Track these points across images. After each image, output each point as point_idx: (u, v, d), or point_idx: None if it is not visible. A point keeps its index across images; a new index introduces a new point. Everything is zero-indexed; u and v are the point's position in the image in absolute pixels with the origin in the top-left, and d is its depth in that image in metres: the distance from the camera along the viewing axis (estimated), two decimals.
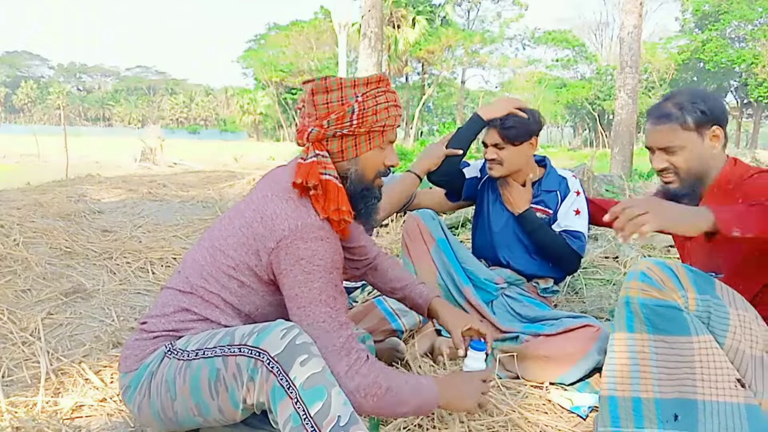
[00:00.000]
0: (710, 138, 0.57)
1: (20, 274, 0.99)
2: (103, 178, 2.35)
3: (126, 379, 0.46)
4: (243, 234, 0.43)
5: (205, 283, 0.45)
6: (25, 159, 5.80)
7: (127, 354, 0.47)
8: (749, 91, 13.27)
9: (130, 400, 0.46)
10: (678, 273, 0.50)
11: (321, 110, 0.44)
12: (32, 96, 29.33)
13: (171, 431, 0.46)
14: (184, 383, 0.43)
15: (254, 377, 0.40)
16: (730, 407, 0.48)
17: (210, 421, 0.44)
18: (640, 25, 3.12)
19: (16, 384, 0.64)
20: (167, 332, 0.46)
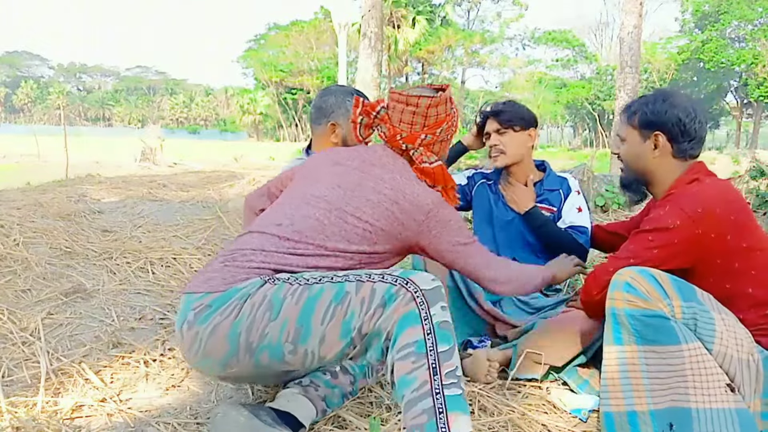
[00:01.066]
0: (652, 142, 0.59)
1: (20, 274, 0.99)
2: (103, 178, 2.35)
3: (205, 299, 0.46)
4: (387, 208, 0.52)
5: (326, 240, 0.50)
6: (25, 159, 5.81)
7: (211, 276, 0.48)
8: (749, 91, 13.25)
9: (205, 321, 0.45)
10: (661, 281, 0.50)
11: (431, 120, 0.57)
12: (32, 96, 29.31)
13: (225, 371, 0.47)
14: (296, 303, 0.44)
15: (389, 302, 0.43)
16: (722, 413, 0.48)
17: (295, 352, 0.44)
18: (640, 25, 3.12)
19: (16, 384, 0.64)
20: (266, 268, 0.48)
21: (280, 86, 15.49)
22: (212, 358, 0.46)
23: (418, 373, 0.41)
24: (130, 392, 0.64)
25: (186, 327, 0.47)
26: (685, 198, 0.55)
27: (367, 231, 0.51)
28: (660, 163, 0.59)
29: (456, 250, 0.55)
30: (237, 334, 0.45)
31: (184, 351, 0.49)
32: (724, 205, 0.54)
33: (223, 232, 1.43)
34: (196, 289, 0.48)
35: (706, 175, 0.59)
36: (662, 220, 0.55)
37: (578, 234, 0.79)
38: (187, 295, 0.48)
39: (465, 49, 14.34)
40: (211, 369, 0.48)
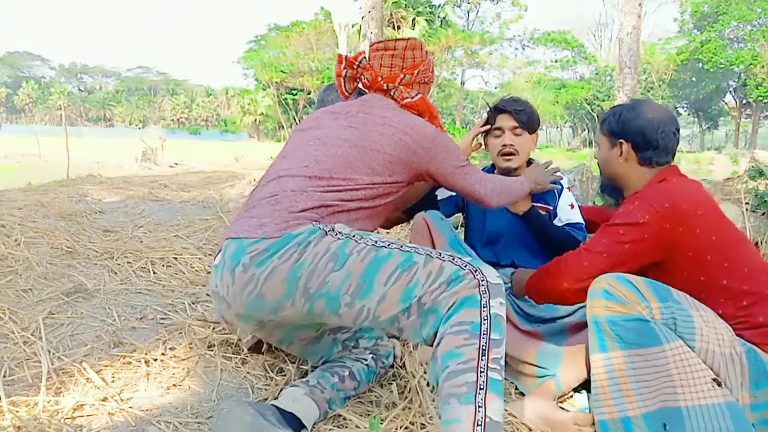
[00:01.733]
0: (618, 149, 0.63)
1: (21, 273, 0.99)
2: (104, 178, 2.35)
3: (261, 244, 0.48)
4: (400, 138, 0.57)
5: (353, 173, 0.55)
6: (26, 159, 5.82)
7: (263, 222, 0.50)
8: (748, 91, 13.28)
9: (262, 264, 0.48)
10: (637, 284, 0.52)
11: (408, 62, 0.63)
12: (33, 96, 29.35)
13: (274, 314, 0.49)
14: (362, 260, 0.47)
15: (455, 282, 0.45)
16: (712, 408, 0.49)
17: (351, 306, 0.46)
18: (639, 26, 3.13)
19: (18, 383, 0.64)
20: (312, 209, 0.51)
21: (280, 87, 15.54)
22: (266, 299, 0.48)
23: (467, 349, 0.42)
24: (131, 391, 0.64)
25: (241, 269, 0.48)
26: (653, 194, 0.57)
27: (387, 161, 0.56)
28: (627, 169, 0.62)
29: (457, 172, 0.61)
30: (297, 278, 0.47)
31: (232, 294, 0.49)
32: (690, 201, 0.56)
33: (223, 231, 1.44)
34: (249, 234, 0.49)
35: (676, 176, 0.61)
36: (632, 215, 0.56)
37: (576, 231, 0.79)
38: (238, 240, 0.49)
39: (464, 50, 14.39)
40: (260, 312, 0.50)
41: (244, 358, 0.72)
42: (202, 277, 1.09)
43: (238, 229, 0.51)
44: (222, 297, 0.51)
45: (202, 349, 0.75)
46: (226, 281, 0.49)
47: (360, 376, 0.60)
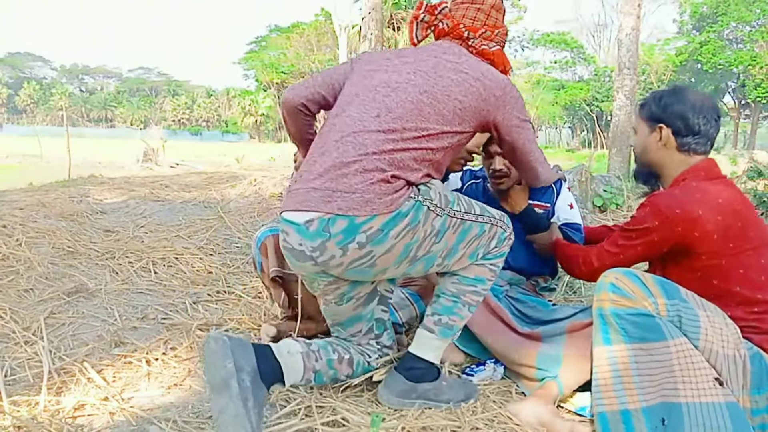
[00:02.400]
0: (657, 134, 0.61)
1: (23, 273, 1.00)
2: (105, 178, 2.34)
3: (374, 222, 0.52)
4: (471, 84, 0.58)
5: (424, 122, 0.56)
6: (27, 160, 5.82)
7: (368, 198, 0.52)
8: (747, 92, 13.29)
9: (380, 242, 0.53)
10: (645, 281, 0.53)
11: (491, 21, 0.64)
12: (35, 97, 29.38)
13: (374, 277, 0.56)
14: (454, 233, 0.58)
15: (500, 242, 0.62)
16: (712, 407, 0.49)
17: (441, 265, 0.58)
18: (638, 27, 3.14)
19: (19, 383, 0.64)
20: (400, 175, 0.54)
21: (281, 88, 15.57)
22: (375, 268, 0.55)
23: (490, 282, 0.62)
24: (132, 391, 0.64)
25: (356, 246, 0.52)
26: (664, 200, 0.58)
27: (457, 108, 0.56)
28: (665, 155, 0.61)
29: (522, 125, 0.62)
30: (408, 251, 0.55)
31: (336, 262, 0.53)
32: (708, 206, 0.55)
33: (224, 232, 1.43)
34: (358, 212, 0.52)
35: (705, 177, 0.59)
36: (643, 221, 0.58)
37: (573, 231, 0.80)
38: (347, 217, 0.51)
39: None
40: (360, 276, 0.56)
41: None
42: (203, 277, 1.09)
43: (342, 204, 0.51)
44: (309, 256, 0.53)
45: (203, 348, 0.75)
46: (333, 253, 0.52)
47: (357, 368, 0.61)
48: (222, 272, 1.12)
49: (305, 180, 0.55)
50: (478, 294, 0.61)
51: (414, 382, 0.59)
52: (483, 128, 0.61)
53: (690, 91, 0.61)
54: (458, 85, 0.57)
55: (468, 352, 0.73)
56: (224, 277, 1.10)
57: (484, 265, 0.60)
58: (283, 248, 0.56)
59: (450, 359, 0.72)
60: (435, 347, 0.60)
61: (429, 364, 0.60)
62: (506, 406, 0.61)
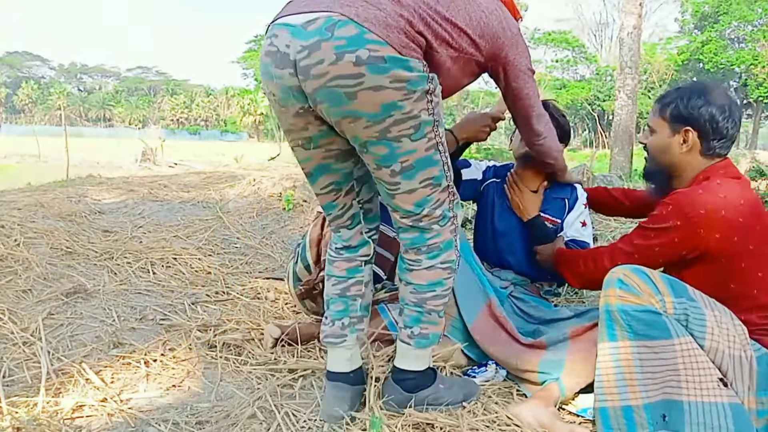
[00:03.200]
0: (681, 137, 0.58)
1: (21, 274, 0.99)
2: (103, 178, 2.33)
3: (383, 49, 0.45)
4: (496, 9, 0.55)
5: (453, 10, 0.51)
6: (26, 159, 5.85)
7: (389, 23, 0.47)
8: (749, 91, 13.25)
9: (377, 72, 0.46)
10: (653, 278, 0.52)
11: None
12: (33, 97, 29.30)
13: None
14: (424, 150, 0.53)
15: (443, 221, 0.57)
16: (714, 407, 0.49)
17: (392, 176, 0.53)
18: (639, 26, 3.12)
19: (17, 384, 0.64)
20: (424, 34, 0.50)
21: None
22: (351, 102, 0.50)
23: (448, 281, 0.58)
24: (130, 392, 0.64)
25: (352, 59, 0.47)
26: (688, 198, 0.55)
27: (482, 21, 0.53)
28: (686, 159, 0.58)
29: (530, 75, 0.60)
30: (387, 113, 0.49)
31: (319, 69, 0.46)
32: (731, 207, 0.53)
33: (223, 232, 1.42)
34: (372, 27, 0.46)
35: (725, 175, 0.57)
36: (664, 219, 0.55)
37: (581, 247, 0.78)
38: (359, 26, 0.46)
39: None
40: (328, 106, 0.50)
41: (244, 358, 0.72)
42: (202, 278, 1.09)
43: (362, 13, 0.45)
44: (294, 62, 0.46)
45: (202, 349, 0.75)
46: (323, 56, 0.45)
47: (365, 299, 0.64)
48: (221, 273, 1.12)
49: None
50: (439, 297, 0.57)
51: (409, 392, 0.59)
52: (493, 62, 0.56)
53: (716, 91, 0.58)
54: (486, 1, 0.54)
55: (472, 356, 0.72)
56: (223, 277, 1.10)
57: (434, 266, 0.55)
58: (263, 57, 0.49)
59: (453, 361, 0.71)
60: (417, 356, 0.59)
61: (419, 372, 0.59)
62: (507, 408, 0.61)
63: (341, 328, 0.60)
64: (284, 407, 0.60)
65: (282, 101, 0.51)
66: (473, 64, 0.55)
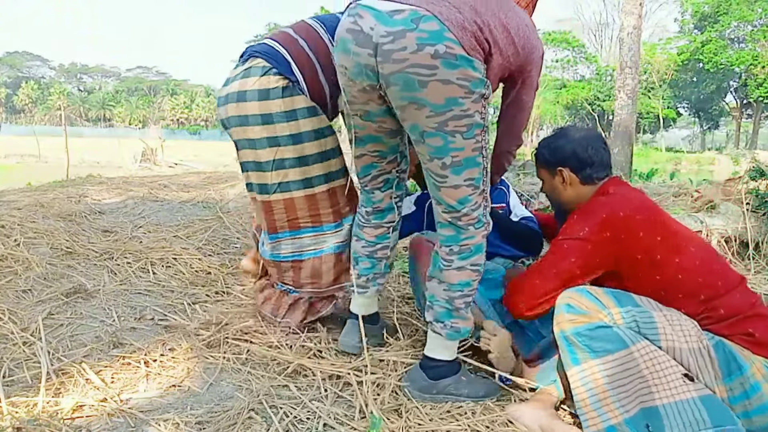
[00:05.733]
0: (559, 177, 0.66)
1: (21, 274, 0.99)
2: (103, 178, 2.33)
3: (457, 48, 0.53)
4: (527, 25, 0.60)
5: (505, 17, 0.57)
6: (26, 159, 5.86)
7: (465, 27, 0.54)
8: (749, 91, 13.26)
9: (450, 66, 0.54)
10: (596, 294, 0.54)
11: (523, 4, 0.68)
12: (33, 97, 29.32)
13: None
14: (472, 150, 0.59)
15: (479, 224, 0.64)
16: (687, 404, 0.50)
17: (442, 168, 0.60)
18: (639, 26, 3.12)
19: (17, 384, 0.64)
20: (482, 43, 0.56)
21: None
22: (423, 92, 0.55)
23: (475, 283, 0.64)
24: (130, 392, 0.64)
25: (431, 51, 0.53)
26: (590, 207, 0.61)
27: (525, 33, 0.59)
28: (573, 192, 0.66)
29: (534, 92, 0.66)
30: (449, 106, 0.56)
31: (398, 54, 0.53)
32: (627, 207, 0.58)
33: (223, 232, 1.42)
34: (453, 28, 0.53)
35: (615, 186, 0.63)
36: (572, 231, 0.61)
37: (532, 223, 0.86)
38: (440, 22, 0.52)
39: None
40: (407, 86, 0.55)
41: (244, 358, 0.72)
42: (202, 278, 1.09)
43: (444, 11, 0.52)
44: (376, 44, 0.53)
45: (202, 349, 0.75)
46: (406, 44, 0.51)
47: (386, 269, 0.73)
48: (221, 273, 1.12)
49: None
50: (466, 296, 0.63)
51: (434, 380, 0.63)
52: (518, 73, 0.62)
53: (572, 129, 0.67)
54: (525, 15, 0.61)
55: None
56: (223, 277, 1.09)
57: (465, 267, 0.62)
58: (344, 32, 0.55)
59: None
60: (447, 347, 0.64)
61: (446, 362, 0.63)
62: (506, 409, 0.61)
63: (366, 281, 0.71)
64: (283, 407, 0.61)
65: (352, 76, 0.57)
66: (506, 71, 0.60)
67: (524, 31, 0.59)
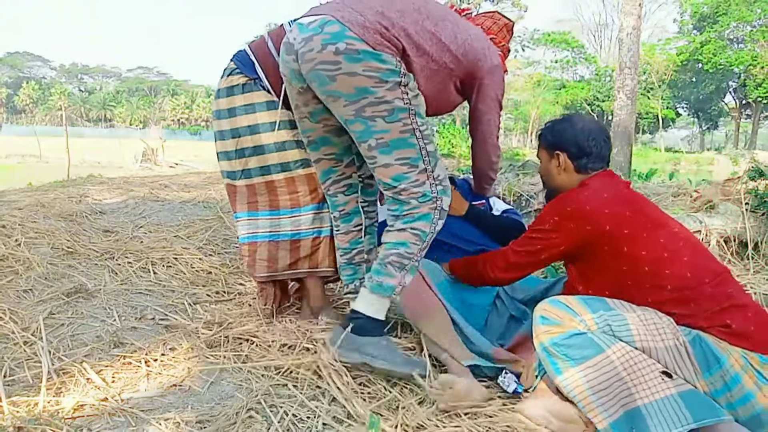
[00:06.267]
0: (556, 160, 0.68)
1: (22, 274, 0.99)
2: (104, 178, 2.34)
3: (358, 44, 0.60)
4: (483, 39, 0.70)
5: (441, 29, 0.65)
6: (27, 159, 5.88)
7: (367, 26, 0.61)
8: (748, 91, 13.30)
9: (352, 61, 0.61)
10: (569, 303, 0.56)
11: (501, 35, 0.78)
12: (34, 97, 29.35)
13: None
14: (399, 132, 0.64)
15: (424, 198, 0.67)
16: (667, 401, 0.50)
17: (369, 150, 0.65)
18: (639, 27, 3.13)
19: (18, 384, 0.64)
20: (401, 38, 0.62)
21: None
22: (332, 83, 0.62)
23: (415, 247, 0.66)
24: (131, 391, 0.64)
25: (333, 49, 0.61)
26: (560, 199, 0.63)
27: (467, 42, 0.66)
28: (566, 178, 0.67)
29: (494, 102, 0.72)
30: (361, 96, 0.62)
31: (310, 58, 0.61)
32: (595, 201, 0.60)
33: (224, 232, 1.43)
34: (353, 27, 0.60)
35: (600, 179, 0.65)
36: (541, 220, 0.64)
37: (515, 215, 0.90)
38: (342, 25, 0.60)
39: None
40: (317, 85, 0.64)
41: (244, 358, 0.72)
42: (203, 278, 1.09)
43: (346, 15, 0.60)
44: (296, 51, 0.62)
45: (203, 349, 0.75)
46: (313, 46, 0.60)
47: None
48: (221, 273, 1.12)
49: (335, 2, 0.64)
50: (401, 256, 0.65)
51: (356, 333, 0.64)
52: (470, 81, 0.69)
53: (578, 118, 0.69)
54: (475, 28, 0.69)
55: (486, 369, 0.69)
56: (224, 277, 1.10)
57: (405, 230, 0.65)
58: (281, 46, 0.65)
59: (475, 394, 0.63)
60: (370, 301, 0.65)
61: (367, 317, 0.65)
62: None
63: (355, 287, 0.75)
64: (283, 406, 0.61)
65: (290, 81, 0.66)
66: (455, 79, 0.67)
67: (466, 40, 0.65)
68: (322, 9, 0.62)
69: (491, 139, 0.75)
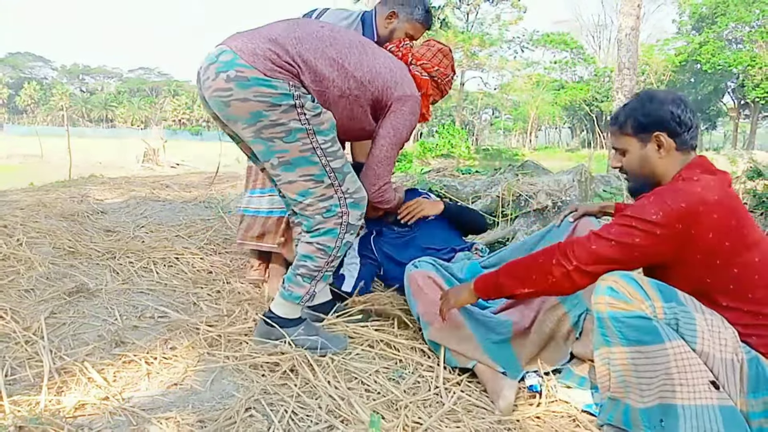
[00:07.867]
0: (654, 143, 0.58)
1: (23, 273, 1.00)
2: (106, 178, 2.34)
3: (248, 71, 0.64)
4: (398, 66, 0.73)
5: (345, 56, 0.68)
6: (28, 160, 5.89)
7: (258, 54, 0.65)
8: (746, 92, 13.30)
9: (242, 86, 0.65)
10: (642, 284, 0.53)
11: (436, 60, 0.81)
12: (35, 97, 29.42)
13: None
14: (299, 151, 0.68)
15: (329, 213, 0.71)
16: (706, 410, 0.50)
17: (273, 168, 0.69)
18: (637, 27, 3.14)
19: (20, 383, 0.64)
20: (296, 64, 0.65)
21: None
22: (230, 110, 0.66)
23: (320, 260, 0.71)
24: (132, 390, 0.64)
25: (225, 77, 0.65)
26: (671, 192, 0.55)
27: (374, 69, 0.68)
28: (667, 161, 0.59)
29: (396, 132, 0.72)
30: (257, 120, 0.65)
31: (208, 86, 0.66)
32: (708, 203, 0.54)
33: (225, 232, 1.43)
34: (243, 55, 0.64)
35: (704, 171, 0.57)
36: (646, 211, 0.54)
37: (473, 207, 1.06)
38: (233, 54, 0.65)
39: (464, 52, 14.44)
40: (219, 111, 0.68)
41: (245, 357, 0.72)
42: (204, 277, 1.09)
43: (239, 44, 0.64)
44: (201, 81, 0.67)
45: (204, 348, 0.75)
46: (209, 74, 0.65)
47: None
48: (222, 272, 1.12)
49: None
50: (309, 269, 0.70)
51: (271, 327, 0.73)
52: (380, 106, 0.71)
53: (661, 92, 0.60)
54: (388, 57, 0.72)
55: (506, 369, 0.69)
56: (225, 277, 1.10)
57: (312, 244, 0.69)
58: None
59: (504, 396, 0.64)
60: (282, 304, 0.73)
61: (281, 318, 0.72)
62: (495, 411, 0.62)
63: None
64: (284, 405, 0.61)
65: (206, 108, 0.70)
66: (365, 105, 0.70)
67: (371, 66, 0.68)
68: (226, 39, 0.66)
69: (376, 167, 0.73)
